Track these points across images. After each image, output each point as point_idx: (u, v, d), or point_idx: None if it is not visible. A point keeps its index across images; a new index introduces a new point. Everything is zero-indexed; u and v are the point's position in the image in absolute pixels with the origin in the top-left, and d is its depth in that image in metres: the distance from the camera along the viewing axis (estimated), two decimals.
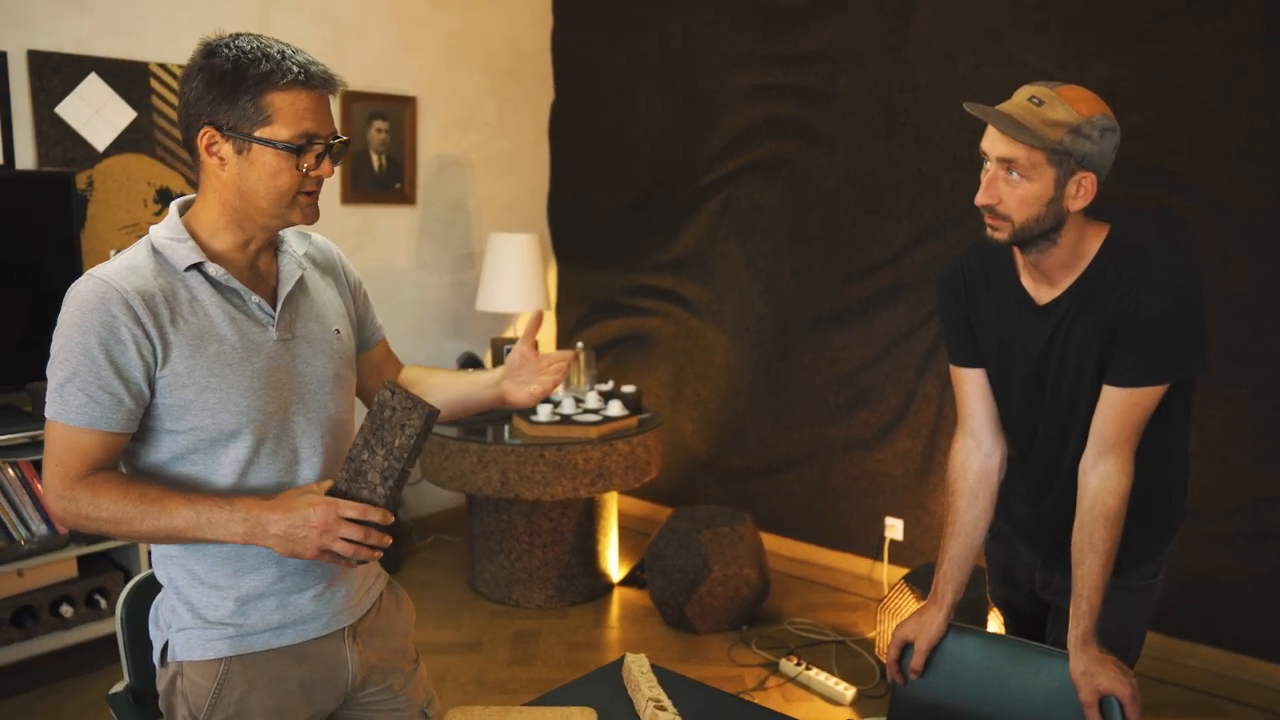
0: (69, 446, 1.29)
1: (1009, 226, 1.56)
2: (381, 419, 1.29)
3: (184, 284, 1.34)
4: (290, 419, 1.40)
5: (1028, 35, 3.28)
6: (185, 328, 1.31)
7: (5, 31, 3.04)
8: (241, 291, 1.37)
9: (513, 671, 3.15)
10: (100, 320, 1.27)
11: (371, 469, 1.29)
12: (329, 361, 1.45)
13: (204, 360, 1.32)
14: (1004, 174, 1.54)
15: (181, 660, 1.40)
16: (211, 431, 1.33)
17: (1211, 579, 3.11)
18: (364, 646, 1.51)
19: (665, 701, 1.53)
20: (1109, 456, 1.60)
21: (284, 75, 1.29)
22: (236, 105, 1.29)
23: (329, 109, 1.35)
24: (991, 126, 1.53)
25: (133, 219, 3.34)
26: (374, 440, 1.29)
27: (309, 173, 1.34)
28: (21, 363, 3.00)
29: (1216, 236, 3.01)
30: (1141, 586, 1.75)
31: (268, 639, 1.41)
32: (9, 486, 2.89)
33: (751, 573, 3.38)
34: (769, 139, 3.99)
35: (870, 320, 3.78)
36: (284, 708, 1.42)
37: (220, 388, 1.32)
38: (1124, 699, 1.52)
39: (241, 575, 1.39)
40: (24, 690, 2.93)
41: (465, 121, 4.39)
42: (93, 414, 1.28)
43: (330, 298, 1.52)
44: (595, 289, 4.69)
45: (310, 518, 1.26)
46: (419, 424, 1.28)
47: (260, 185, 1.32)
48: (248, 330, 1.36)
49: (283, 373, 1.39)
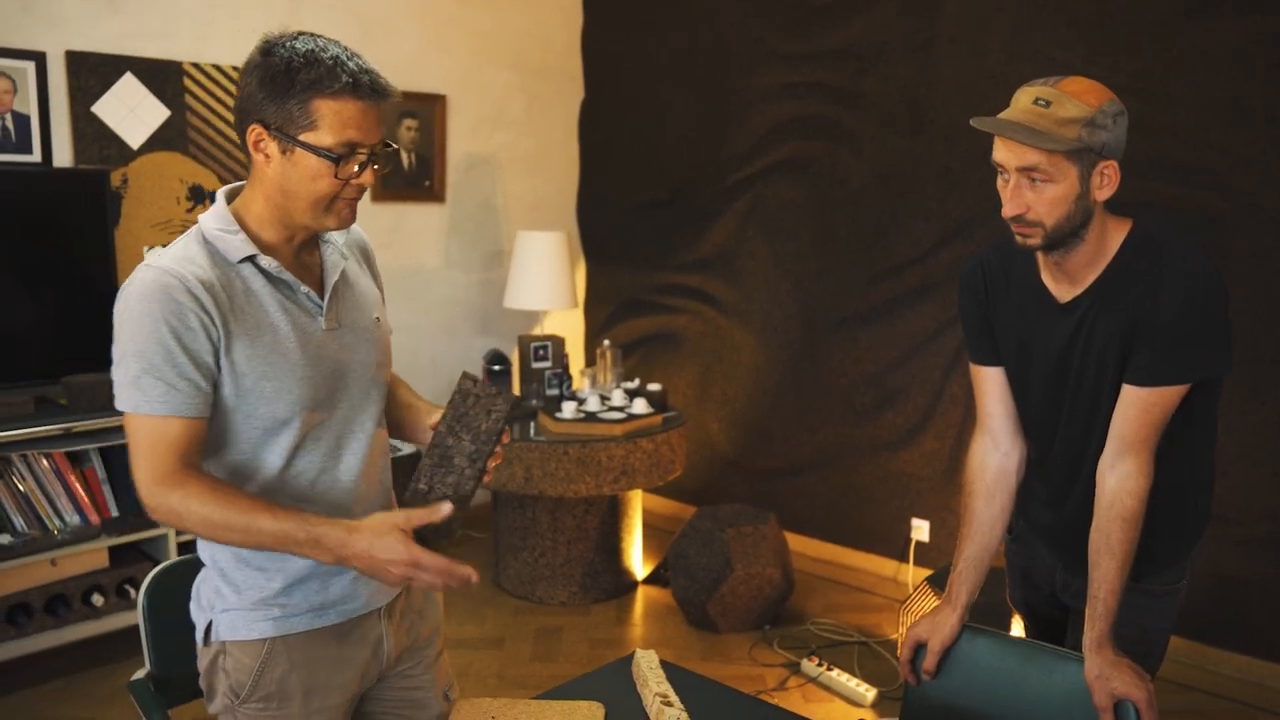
0: (157, 438, 1.29)
1: (1041, 231, 1.53)
2: (465, 407, 1.34)
3: (238, 275, 1.35)
4: (336, 406, 1.42)
5: (1057, 31, 3.24)
6: (243, 318, 1.33)
7: (44, 32, 3.11)
8: (292, 283, 1.39)
9: (534, 667, 3.16)
10: (168, 309, 1.27)
11: (458, 454, 1.34)
12: (371, 350, 1.48)
13: (261, 350, 1.34)
14: (1026, 181, 1.51)
15: (225, 640, 1.43)
16: (266, 420, 1.36)
17: (1243, 584, 3.05)
18: (398, 626, 1.55)
19: (672, 697, 1.54)
20: (1128, 457, 1.58)
21: (333, 83, 1.29)
22: (284, 107, 1.30)
23: (378, 118, 1.33)
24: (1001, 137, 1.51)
25: (166, 216, 3.40)
26: (458, 426, 1.34)
27: (350, 181, 1.34)
28: (56, 356, 3.07)
29: (1249, 236, 2.96)
30: (1165, 592, 1.72)
31: (310, 619, 1.43)
32: (43, 477, 2.95)
33: (774, 572, 3.37)
34: (796, 138, 3.97)
35: (897, 320, 3.75)
36: (323, 685, 1.45)
37: (276, 376, 1.35)
38: (1139, 703, 1.49)
39: (286, 558, 1.40)
40: (56, 676, 3.00)
41: (494, 120, 4.41)
42: (174, 402, 1.28)
43: (367, 285, 1.54)
44: (623, 287, 4.70)
45: (391, 569, 1.28)
46: (504, 409, 1.34)
47: (300, 187, 1.33)
48: (299, 320, 1.39)
49: (331, 362, 1.41)
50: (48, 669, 3.00)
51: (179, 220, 3.42)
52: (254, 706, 1.42)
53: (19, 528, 2.90)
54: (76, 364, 3.07)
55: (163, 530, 3.09)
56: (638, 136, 4.56)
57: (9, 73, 3.04)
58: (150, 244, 3.36)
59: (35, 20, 3.09)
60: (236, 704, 1.43)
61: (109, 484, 3.09)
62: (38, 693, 2.93)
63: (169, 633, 1.69)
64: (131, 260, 3.32)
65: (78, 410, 2.95)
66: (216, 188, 3.51)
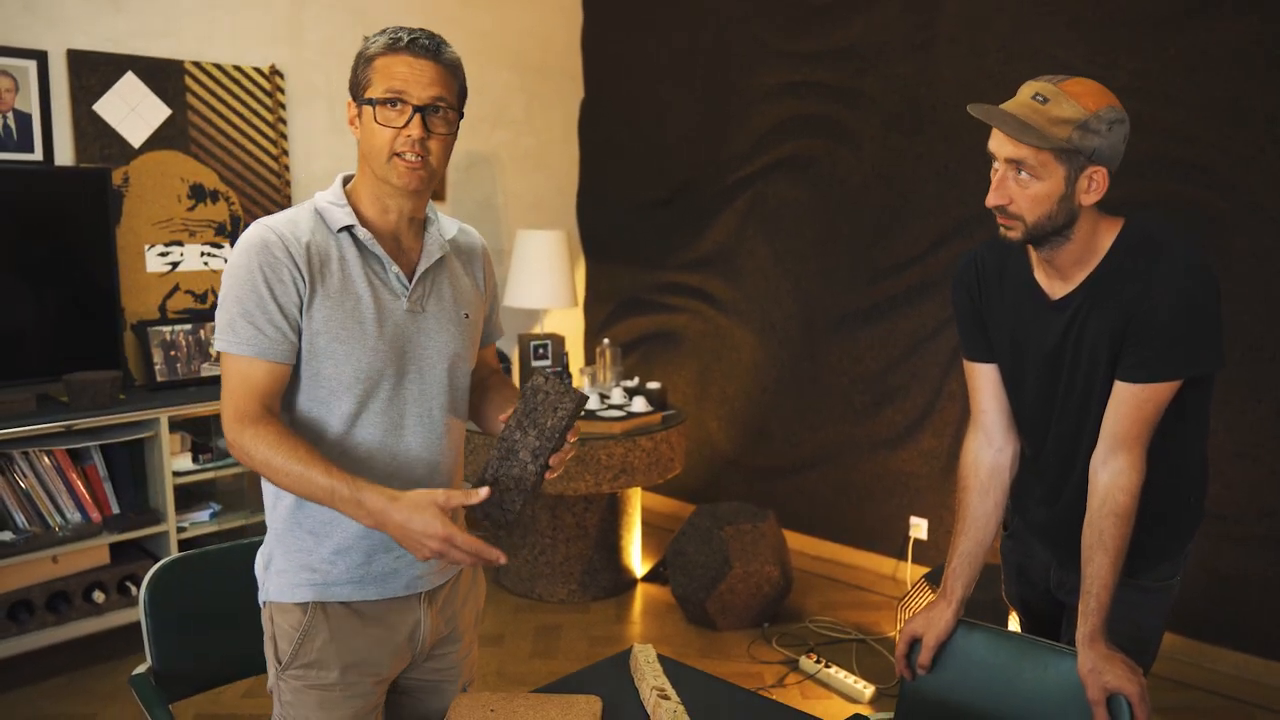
0: (242, 378, 1.39)
1: (1021, 226, 1.55)
2: (535, 402, 1.39)
3: (336, 243, 1.45)
4: (404, 386, 1.48)
5: (1057, 30, 3.25)
6: (330, 280, 1.43)
7: (45, 31, 3.12)
8: (384, 259, 1.47)
9: (534, 664, 3.17)
10: (265, 261, 1.39)
11: (523, 448, 1.39)
12: (451, 340, 1.53)
13: (340, 314, 1.43)
14: (1013, 174, 1.52)
15: (272, 601, 1.51)
16: (332, 381, 1.44)
17: (1241, 581, 3.05)
18: (438, 614, 1.59)
19: (669, 690, 1.55)
20: (1120, 453, 1.59)
21: (389, 44, 1.41)
22: (358, 76, 1.44)
23: (432, 77, 1.41)
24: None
25: (167, 214, 3.41)
26: (526, 422, 1.39)
27: (400, 132, 1.40)
28: (58, 354, 3.08)
29: (1249, 235, 2.96)
30: (1158, 588, 1.73)
31: (350, 590, 1.49)
32: (45, 475, 2.96)
33: (773, 570, 3.38)
34: (796, 137, 3.98)
35: (896, 319, 3.76)
36: (359, 663, 1.50)
37: (348, 340, 1.43)
38: (1132, 697, 1.50)
39: (336, 525, 1.47)
40: (58, 673, 3.01)
41: (495, 119, 4.42)
42: (260, 345, 1.39)
43: (467, 285, 1.60)
44: (623, 286, 4.71)
45: (426, 542, 1.32)
46: (570, 407, 1.38)
47: (367, 144, 1.43)
48: (382, 295, 1.46)
49: (406, 342, 1.48)
50: (49, 665, 3.02)
51: (179, 219, 3.43)
52: (296, 673, 1.49)
53: (20, 525, 2.91)
54: (78, 362, 3.08)
55: (163, 527, 3.11)
56: (638, 135, 4.56)
57: (11, 71, 3.05)
58: (151, 242, 3.37)
59: (37, 19, 3.10)
60: (281, 671, 1.49)
61: (110, 481, 3.10)
62: (39, 689, 2.94)
63: (170, 628, 1.71)
64: (132, 258, 3.33)
65: (79, 408, 2.96)
66: (217, 186, 3.53)
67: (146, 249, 3.36)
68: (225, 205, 3.55)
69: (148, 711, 1.63)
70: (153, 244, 3.37)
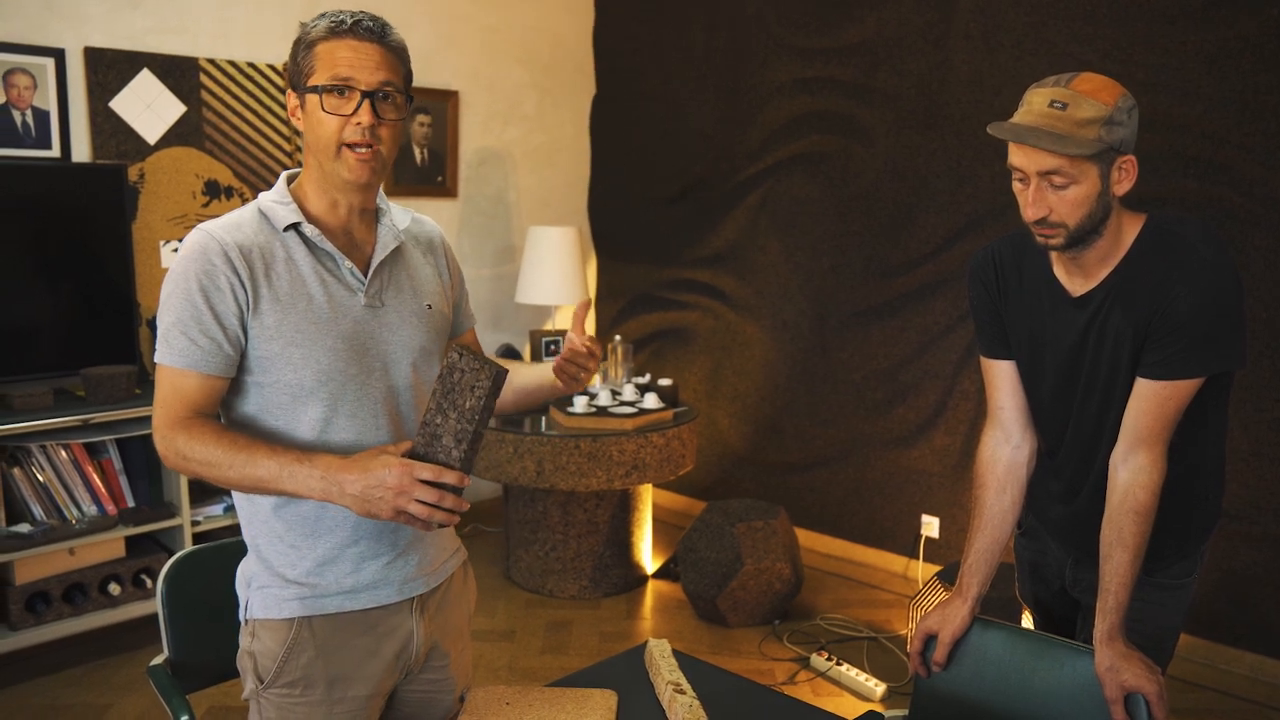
0: (173, 388, 1.35)
1: (1064, 232, 1.53)
2: (451, 381, 1.29)
3: (282, 243, 1.39)
4: (371, 384, 1.42)
5: (1073, 25, 3.23)
6: (278, 283, 1.37)
7: (63, 29, 3.14)
8: (335, 255, 1.41)
9: (545, 660, 3.18)
10: (201, 268, 1.33)
11: (446, 432, 1.29)
12: (416, 333, 1.48)
13: (292, 317, 1.37)
14: (1048, 185, 1.50)
15: (257, 619, 1.45)
16: (292, 387, 1.37)
17: (1257, 582, 3.04)
18: (430, 622, 1.54)
19: (685, 685, 1.55)
20: (1140, 450, 1.58)
21: (331, 27, 1.36)
22: (298, 64, 1.38)
23: (377, 61, 1.36)
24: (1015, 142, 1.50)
25: (181, 210, 3.43)
26: (445, 403, 1.29)
27: (349, 120, 1.35)
28: (75, 349, 3.10)
29: (1268, 231, 2.95)
30: (1175, 586, 1.72)
31: (340, 601, 1.44)
32: (62, 468, 2.98)
33: (784, 567, 3.38)
34: (809, 133, 3.97)
35: (909, 316, 3.75)
36: (348, 675, 1.45)
37: (303, 344, 1.37)
38: (1150, 696, 1.49)
39: (319, 536, 1.42)
40: (75, 664, 3.04)
41: (506, 115, 4.43)
42: (194, 357, 1.33)
43: (428, 275, 1.55)
44: (634, 282, 4.71)
45: (386, 479, 1.26)
46: (487, 385, 1.27)
47: (313, 135, 1.37)
48: (336, 293, 1.41)
49: (367, 338, 1.42)
50: (66, 656, 3.04)
51: (194, 215, 3.45)
52: (278, 692, 1.44)
53: (38, 517, 2.93)
54: (95, 356, 3.10)
55: (178, 520, 3.12)
56: (650, 131, 4.56)
57: (29, 69, 3.07)
58: (167, 238, 3.39)
59: (55, 17, 3.12)
60: (261, 689, 1.44)
61: (126, 475, 3.12)
62: (56, 679, 2.96)
63: (187, 619, 1.72)
64: (148, 254, 3.35)
65: (96, 402, 2.98)
66: (232, 183, 3.55)
67: (161, 245, 3.38)
68: (239, 201, 3.56)
69: (165, 702, 1.64)
70: (168, 240, 3.39)
